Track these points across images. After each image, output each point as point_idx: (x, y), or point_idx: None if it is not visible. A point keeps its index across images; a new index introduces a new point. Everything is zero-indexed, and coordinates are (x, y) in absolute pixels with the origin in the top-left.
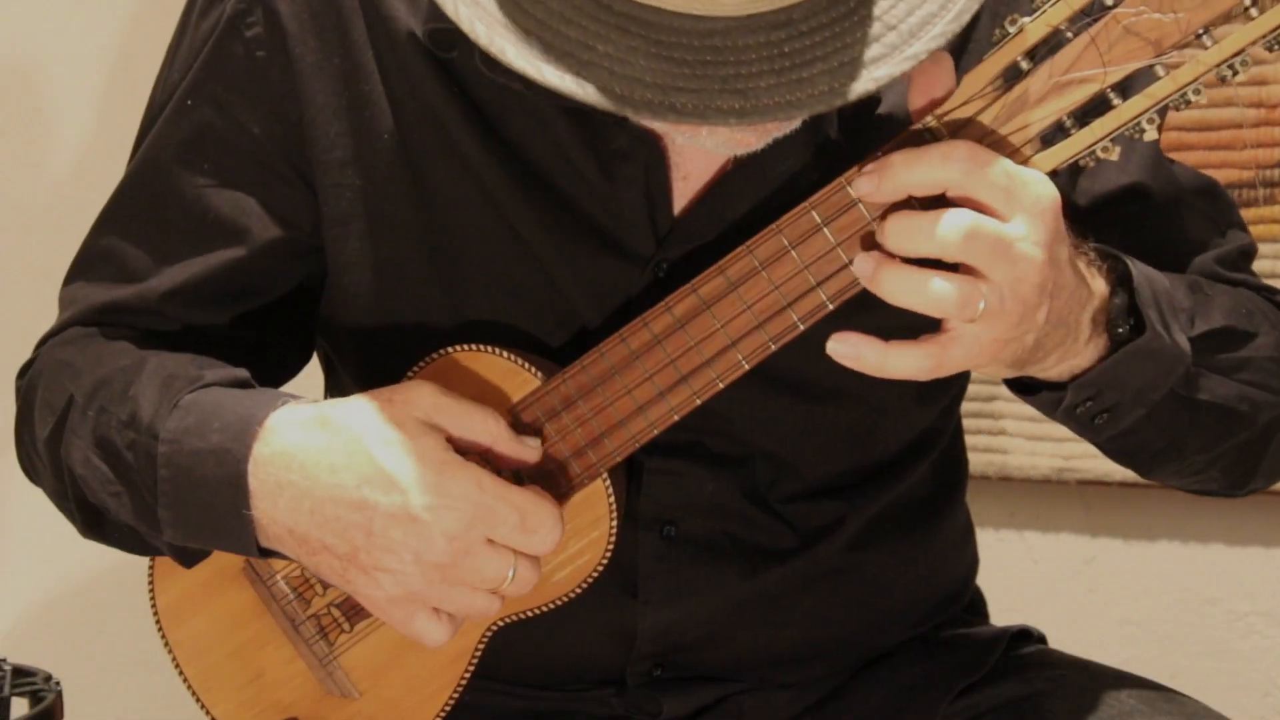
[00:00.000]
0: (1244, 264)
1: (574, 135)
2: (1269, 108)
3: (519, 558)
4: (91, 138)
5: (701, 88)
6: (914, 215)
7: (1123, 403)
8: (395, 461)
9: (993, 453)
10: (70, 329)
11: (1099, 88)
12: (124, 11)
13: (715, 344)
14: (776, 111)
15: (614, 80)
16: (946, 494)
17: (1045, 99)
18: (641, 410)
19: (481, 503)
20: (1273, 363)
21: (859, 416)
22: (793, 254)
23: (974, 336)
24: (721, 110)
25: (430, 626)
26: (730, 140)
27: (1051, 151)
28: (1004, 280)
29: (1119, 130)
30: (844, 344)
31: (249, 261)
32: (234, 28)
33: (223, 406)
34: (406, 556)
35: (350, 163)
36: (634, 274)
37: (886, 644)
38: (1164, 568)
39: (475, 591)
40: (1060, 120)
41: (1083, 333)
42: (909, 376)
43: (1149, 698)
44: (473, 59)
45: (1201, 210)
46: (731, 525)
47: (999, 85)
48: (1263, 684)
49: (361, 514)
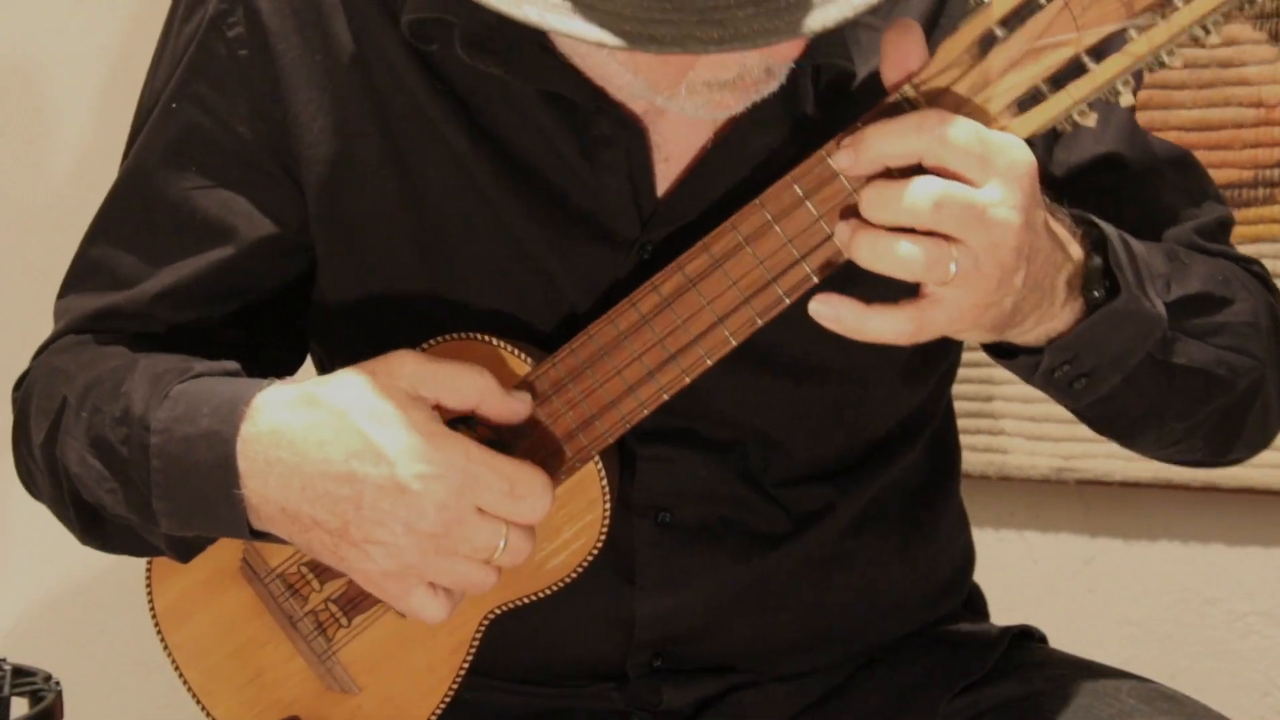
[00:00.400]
0: (1222, 235)
1: (555, 123)
2: (1268, 107)
3: (510, 526)
4: (91, 138)
5: (680, 19)
6: (887, 184)
7: (1100, 367)
8: (382, 433)
9: (992, 452)
10: (64, 338)
11: (1073, 52)
12: (124, 11)
13: (702, 321)
14: (756, 39)
15: (595, 15)
16: (939, 481)
17: (1020, 65)
18: (631, 390)
19: (470, 471)
20: (1250, 328)
21: (846, 395)
22: (776, 228)
23: (954, 301)
24: (700, 40)
25: (427, 601)
26: (711, 102)
27: (1028, 117)
28: (979, 245)
29: (1094, 94)
30: (825, 305)
31: (238, 261)
32: (216, 28)
33: (211, 392)
34: (397, 528)
35: (336, 158)
36: (620, 258)
37: (885, 635)
38: (1164, 568)
39: (469, 562)
40: (1036, 86)
41: (1059, 296)
42: (889, 340)
43: (1149, 697)
44: (453, 50)
45: (1177, 181)
46: (726, 510)
47: (974, 53)
48: (1262, 684)
49: (351, 487)
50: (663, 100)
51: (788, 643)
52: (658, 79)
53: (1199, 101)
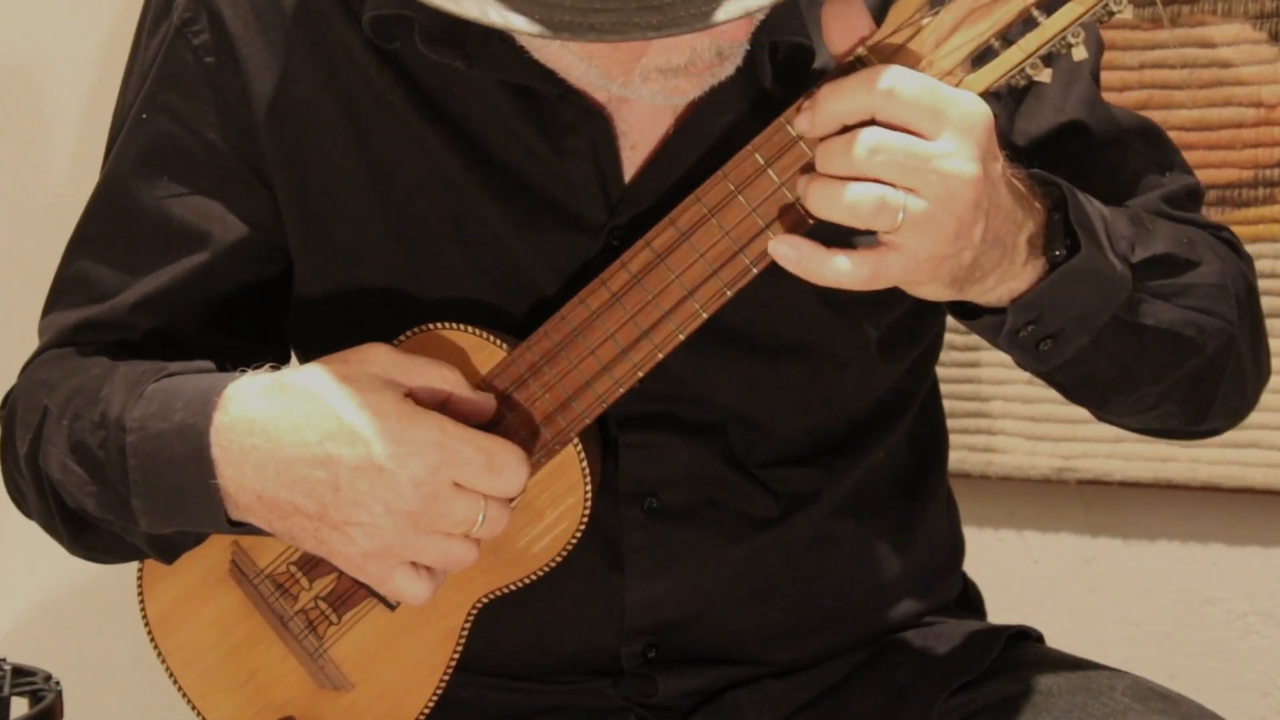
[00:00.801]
0: (1191, 205)
1: (520, 113)
2: (1268, 107)
3: (488, 500)
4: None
5: (620, 6)
6: (833, 139)
7: (1065, 328)
8: (355, 414)
9: (993, 452)
10: (47, 353)
11: (1022, 5)
12: (124, 12)
13: (672, 295)
14: (694, 22)
15: (533, 8)
16: (926, 467)
17: (971, 21)
18: (606, 369)
19: (446, 446)
20: (1218, 289)
21: (823, 372)
22: (740, 198)
23: (911, 250)
24: (640, 25)
25: (410, 582)
26: (667, 88)
27: (981, 73)
28: (932, 195)
29: (1045, 46)
30: (786, 244)
31: (215, 266)
32: (181, 36)
33: (184, 388)
34: (376, 508)
35: (306, 160)
36: (589, 243)
37: (877, 622)
38: (1164, 568)
39: (448, 538)
40: (989, 42)
41: (1019, 254)
42: (846, 284)
43: (1143, 696)
44: (415, 46)
45: (1141, 150)
46: (712, 492)
47: (926, 11)
48: (1262, 684)
49: (327, 470)
50: (618, 89)
51: (780, 628)
52: (610, 67)
53: (1199, 101)
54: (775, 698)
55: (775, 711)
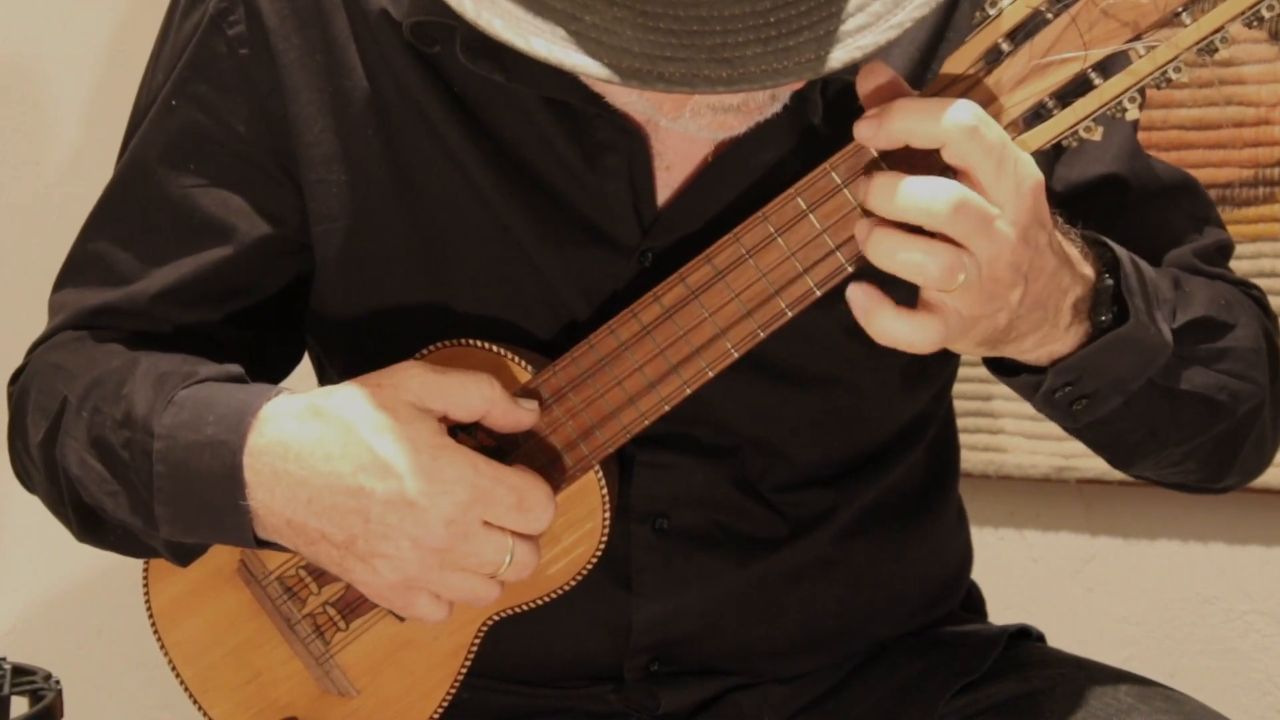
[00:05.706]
0: (1220, 260)
1: (557, 128)
2: (1269, 107)
3: (516, 539)
4: (91, 138)
5: (689, 57)
6: (900, 175)
7: (1101, 389)
8: (390, 448)
9: (992, 452)
10: (61, 333)
11: (1080, 68)
12: (124, 11)
13: (704, 333)
14: (764, 79)
15: (601, 50)
16: (938, 483)
17: (1026, 81)
18: (632, 401)
19: (478, 485)
20: (1253, 353)
21: (845, 403)
22: (779, 241)
23: (954, 309)
24: (709, 79)
25: (429, 608)
26: (714, 123)
27: (1034, 133)
28: (982, 256)
29: (1100, 110)
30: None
31: (237, 260)
32: (216, 26)
33: (216, 400)
34: (404, 542)
35: (335, 159)
36: (620, 265)
37: (883, 635)
38: (1163, 567)
39: (474, 577)
40: (1042, 101)
41: (1063, 318)
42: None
43: (1146, 696)
44: (455, 53)
45: (1180, 205)
46: (723, 516)
47: (980, 68)
48: (1262, 683)
49: (358, 500)
50: (667, 122)
51: (785, 645)
52: (663, 102)
53: (1199, 101)
54: (777, 700)
55: (776, 713)
